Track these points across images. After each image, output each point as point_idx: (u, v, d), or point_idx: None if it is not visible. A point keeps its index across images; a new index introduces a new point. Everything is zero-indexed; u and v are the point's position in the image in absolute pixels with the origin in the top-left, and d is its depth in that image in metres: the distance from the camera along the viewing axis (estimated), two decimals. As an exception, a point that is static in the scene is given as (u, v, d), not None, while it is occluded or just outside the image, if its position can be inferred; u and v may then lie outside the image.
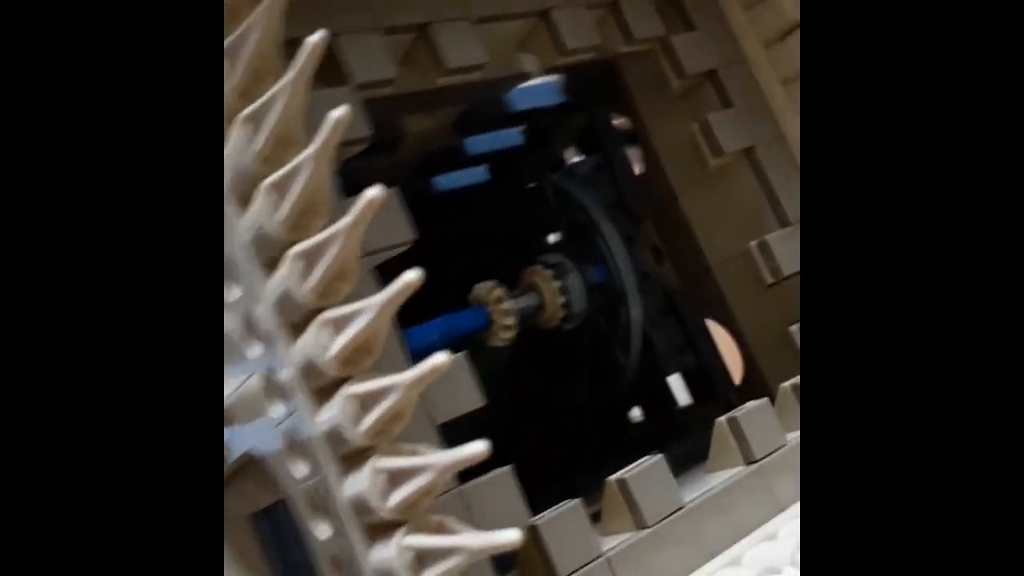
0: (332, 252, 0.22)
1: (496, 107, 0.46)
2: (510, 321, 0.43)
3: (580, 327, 0.46)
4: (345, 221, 0.22)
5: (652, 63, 0.43)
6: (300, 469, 0.25)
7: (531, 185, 0.48)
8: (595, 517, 0.31)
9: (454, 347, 0.42)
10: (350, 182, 0.28)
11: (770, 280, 0.40)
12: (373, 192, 0.21)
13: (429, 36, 0.34)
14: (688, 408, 0.49)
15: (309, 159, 0.22)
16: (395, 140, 0.43)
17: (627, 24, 0.40)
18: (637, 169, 0.49)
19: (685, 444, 0.42)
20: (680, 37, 0.41)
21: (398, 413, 0.22)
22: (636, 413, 0.50)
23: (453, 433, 0.28)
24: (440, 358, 0.20)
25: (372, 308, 0.22)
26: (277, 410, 0.25)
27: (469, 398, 0.30)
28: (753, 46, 0.43)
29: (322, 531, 0.25)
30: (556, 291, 0.44)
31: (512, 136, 0.51)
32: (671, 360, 0.46)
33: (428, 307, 0.41)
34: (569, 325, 0.46)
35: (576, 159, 0.50)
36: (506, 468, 0.30)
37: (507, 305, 0.42)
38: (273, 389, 0.25)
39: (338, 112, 0.21)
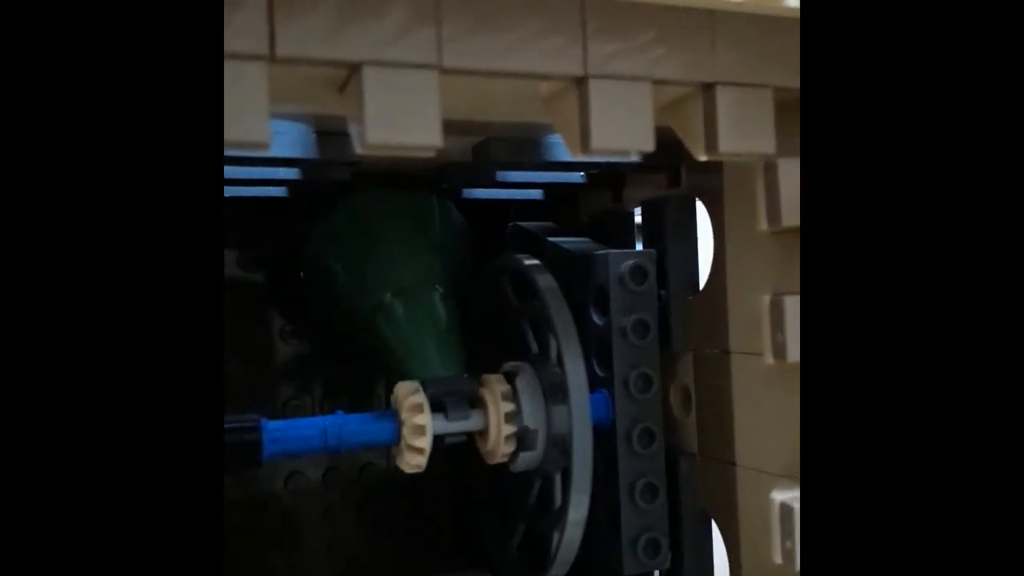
0: None
1: (523, 150, 0.33)
2: (422, 443, 0.31)
3: (531, 473, 0.34)
4: None
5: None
6: None
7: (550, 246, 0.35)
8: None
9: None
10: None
11: (779, 561, 0.27)
12: None
13: (359, 81, 0.22)
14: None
15: None
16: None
17: (716, 131, 0.25)
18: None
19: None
20: (793, 162, 0.27)
21: None
22: None
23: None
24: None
25: None
26: None
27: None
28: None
29: None
30: (503, 418, 0.32)
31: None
32: (634, 555, 0.33)
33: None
34: (516, 467, 0.33)
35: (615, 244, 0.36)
36: None
37: (421, 419, 0.30)
38: None
39: None
